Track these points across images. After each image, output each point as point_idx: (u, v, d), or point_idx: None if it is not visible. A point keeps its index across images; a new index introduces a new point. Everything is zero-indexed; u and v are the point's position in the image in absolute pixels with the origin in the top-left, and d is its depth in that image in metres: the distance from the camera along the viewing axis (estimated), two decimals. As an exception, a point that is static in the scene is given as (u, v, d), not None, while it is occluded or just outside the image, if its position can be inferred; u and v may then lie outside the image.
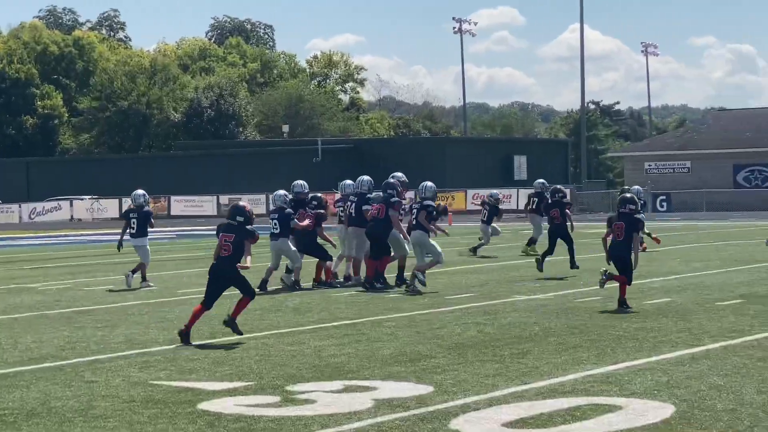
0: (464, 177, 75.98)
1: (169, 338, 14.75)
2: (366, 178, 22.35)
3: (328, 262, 21.69)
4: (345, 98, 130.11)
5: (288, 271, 21.63)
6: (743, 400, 9.96)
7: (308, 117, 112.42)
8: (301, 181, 22.56)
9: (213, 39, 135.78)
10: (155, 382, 11.48)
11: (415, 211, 20.88)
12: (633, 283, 17.42)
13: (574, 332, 14.59)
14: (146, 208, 22.97)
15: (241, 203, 15.47)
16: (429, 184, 21.39)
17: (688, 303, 17.59)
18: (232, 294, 15.01)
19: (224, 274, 14.73)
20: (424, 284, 20.18)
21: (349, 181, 23.27)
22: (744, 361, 12.02)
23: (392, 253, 21.34)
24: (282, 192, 21.56)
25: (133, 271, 22.41)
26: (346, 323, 16.01)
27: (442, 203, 32.04)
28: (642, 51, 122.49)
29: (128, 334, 15.36)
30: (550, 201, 24.79)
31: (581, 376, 11.32)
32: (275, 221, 21.07)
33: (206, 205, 76.19)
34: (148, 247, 22.76)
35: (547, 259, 23.47)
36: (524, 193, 71.06)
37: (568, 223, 23.80)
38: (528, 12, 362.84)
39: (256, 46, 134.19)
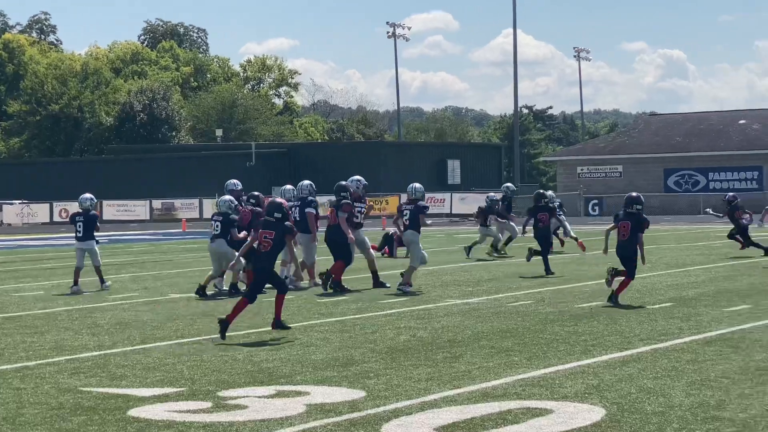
0: (398, 181, 75.92)
1: (99, 344, 14.62)
2: (306, 182, 22.54)
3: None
4: (279, 102, 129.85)
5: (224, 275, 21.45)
6: (672, 402, 10.03)
7: (242, 121, 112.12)
8: (234, 180, 22.63)
9: (146, 43, 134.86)
10: (85, 389, 11.37)
11: (407, 212, 21.40)
12: (564, 287, 17.53)
13: (507, 336, 14.64)
14: (92, 212, 22.96)
15: (278, 199, 16.06)
16: (417, 185, 22.07)
17: (619, 306, 17.70)
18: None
19: (264, 268, 15.37)
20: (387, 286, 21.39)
21: (289, 186, 23.36)
22: (673, 363, 12.12)
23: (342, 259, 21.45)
24: (228, 198, 21.37)
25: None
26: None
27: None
28: (574, 56, 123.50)
29: (58, 340, 15.20)
30: (536, 206, 25.44)
31: (513, 380, 11.35)
32: (218, 223, 20.91)
33: (138, 209, 75.73)
34: (96, 248, 22.73)
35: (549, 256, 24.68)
36: (458, 197, 71.44)
37: (560, 228, 25.18)
38: (462, 17, 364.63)
39: (189, 50, 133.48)
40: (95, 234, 22.90)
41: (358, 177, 22.47)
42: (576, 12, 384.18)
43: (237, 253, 17.80)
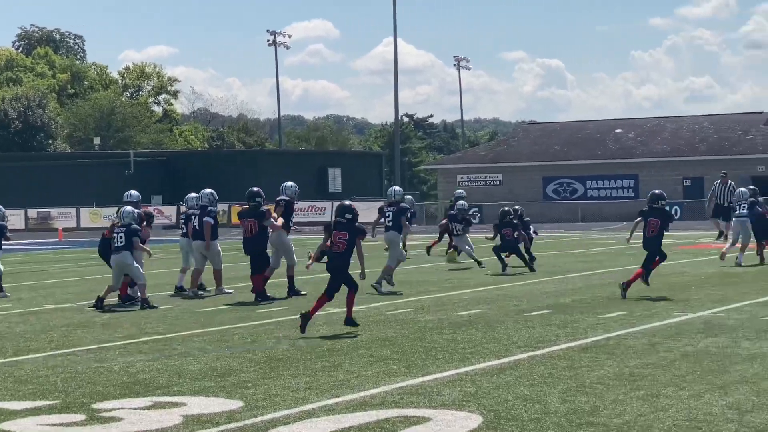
0: (279, 190, 75.90)
1: (-29, 356, 14.31)
2: (208, 190, 22.88)
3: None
4: (158, 110, 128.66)
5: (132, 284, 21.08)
6: (548, 409, 10.12)
7: (120, 129, 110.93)
8: (133, 191, 22.59)
9: (20, 49, 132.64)
10: (-45, 403, 11.11)
11: (389, 213, 22.99)
12: (443, 294, 17.62)
13: (385, 344, 14.66)
14: (1, 223, 23.07)
15: (347, 202, 17.09)
16: (397, 188, 24.05)
17: (497, 314, 17.85)
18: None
19: (338, 268, 16.24)
20: (392, 284, 22.34)
21: (193, 194, 23.35)
22: (550, 370, 12.24)
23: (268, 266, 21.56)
24: (130, 209, 21.04)
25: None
26: (156, 338, 15.79)
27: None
28: (455, 65, 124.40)
29: (-72, 352, 14.85)
30: (501, 222, 26.97)
31: (391, 389, 11.36)
32: (121, 235, 20.59)
33: (13, 218, 74.24)
34: None
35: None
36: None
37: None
38: (342, 25, 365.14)
39: (65, 57, 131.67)
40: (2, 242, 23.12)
41: (291, 183, 22.60)
42: (456, 21, 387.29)
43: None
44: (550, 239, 45.06)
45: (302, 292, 21.47)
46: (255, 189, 21.51)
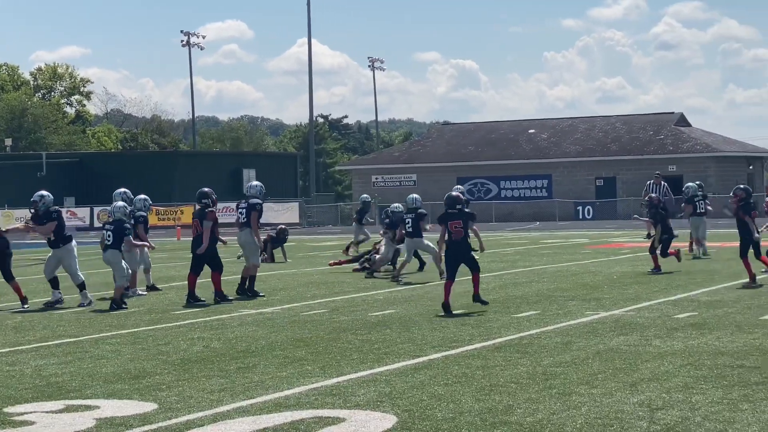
0: (193, 191, 75.26)
1: None
2: (142, 196, 23.07)
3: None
4: (71, 111, 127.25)
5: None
6: (462, 408, 10.18)
7: (32, 130, 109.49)
8: (123, 189, 22.82)
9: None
10: None
11: (409, 220, 24.56)
12: (357, 295, 17.63)
13: (301, 345, 14.65)
14: None
15: (454, 193, 19.15)
16: (416, 195, 25.29)
17: (412, 314, 17.91)
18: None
19: (462, 253, 18.08)
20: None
21: (142, 196, 23.40)
22: (464, 370, 12.31)
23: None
24: (121, 204, 21.25)
25: None
26: (69, 341, 15.64)
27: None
28: (369, 66, 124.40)
29: None
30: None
31: (306, 389, 11.36)
32: (109, 233, 20.57)
33: (-77, 221, 73.18)
34: None
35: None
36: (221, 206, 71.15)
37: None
38: (256, 26, 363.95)
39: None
40: None
41: (256, 182, 22.78)
42: (370, 22, 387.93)
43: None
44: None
45: (261, 294, 21.36)
46: (206, 190, 21.36)
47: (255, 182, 22.91)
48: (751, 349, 13.34)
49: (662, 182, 39.47)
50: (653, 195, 26.23)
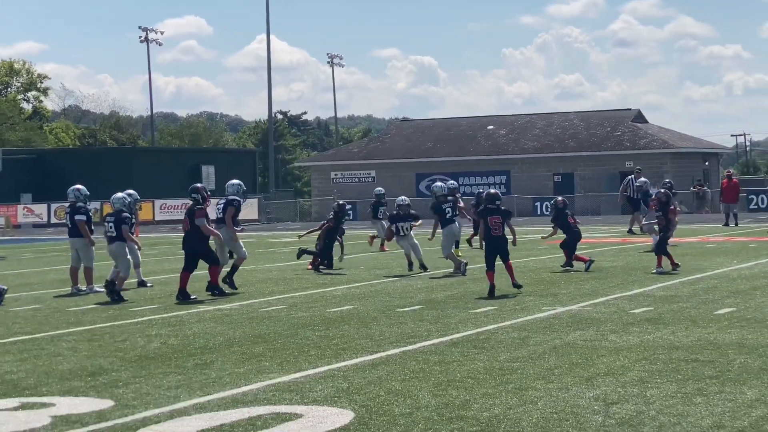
0: (152, 187, 75.15)
1: None
2: (78, 186, 22.75)
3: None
4: (28, 107, 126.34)
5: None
6: (419, 403, 10.22)
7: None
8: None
9: None
10: None
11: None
12: (316, 291, 17.62)
13: (259, 341, 14.65)
14: None
15: (492, 190, 20.42)
16: (440, 184, 26.08)
17: (369, 310, 17.93)
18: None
19: (499, 248, 19.71)
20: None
21: (119, 194, 23.33)
22: (421, 365, 12.35)
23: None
24: (121, 195, 21.63)
25: None
26: (25, 338, 15.57)
27: None
28: (328, 62, 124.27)
29: None
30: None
31: (264, 386, 11.37)
32: (110, 224, 20.80)
33: None
34: None
35: None
36: (212, 203, 71.00)
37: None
38: (215, 22, 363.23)
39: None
40: None
41: (237, 180, 22.77)
42: (329, 19, 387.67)
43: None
44: (424, 235, 45.29)
45: (226, 291, 21.28)
46: (198, 185, 21.30)
47: (234, 180, 22.87)
48: (705, 343, 13.45)
49: (642, 178, 39.73)
50: (661, 191, 26.21)
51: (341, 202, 27.17)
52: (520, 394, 10.52)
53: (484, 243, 20.31)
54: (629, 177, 39.81)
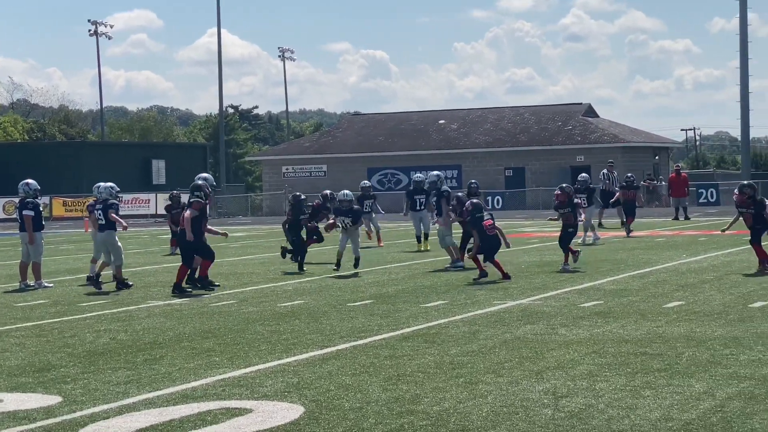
0: (102, 181, 74.59)
1: None
2: (28, 181, 22.55)
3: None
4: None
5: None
6: (369, 398, 10.21)
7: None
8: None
9: None
10: None
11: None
12: (266, 286, 17.56)
13: (209, 336, 14.59)
14: None
15: (475, 200, 22.15)
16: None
17: (320, 305, 17.91)
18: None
19: (496, 247, 21.47)
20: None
21: (101, 184, 23.22)
22: (372, 360, 12.34)
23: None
24: (109, 183, 21.89)
25: None
26: (-28, 334, 15.42)
27: None
28: (279, 56, 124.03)
29: None
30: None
31: (213, 381, 11.32)
32: (100, 212, 21.18)
33: None
34: None
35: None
36: (163, 198, 70.66)
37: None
38: (165, 15, 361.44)
39: None
40: None
41: (205, 174, 22.41)
42: (280, 12, 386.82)
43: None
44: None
45: (216, 284, 21.27)
46: (199, 183, 21.03)
47: (203, 174, 22.75)
48: (654, 336, 13.53)
49: (614, 171, 39.90)
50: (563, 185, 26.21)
51: (297, 193, 26.99)
52: (471, 388, 10.53)
53: (476, 247, 21.39)
54: (603, 171, 39.96)
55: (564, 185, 24.57)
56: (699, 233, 35.24)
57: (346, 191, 24.62)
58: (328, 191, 27.15)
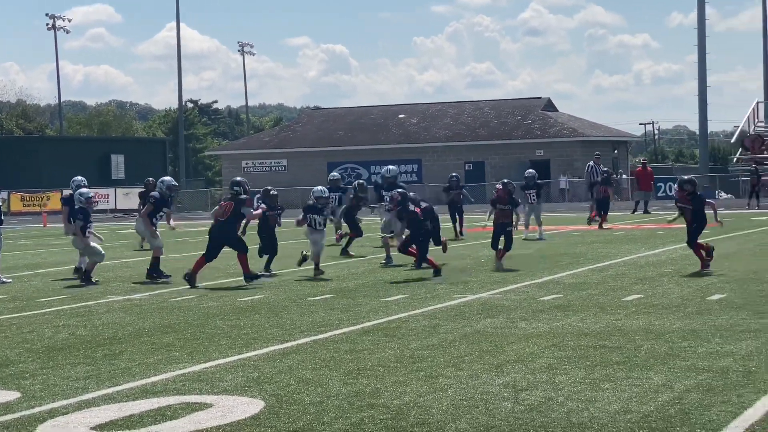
0: (60, 176, 74.17)
1: None
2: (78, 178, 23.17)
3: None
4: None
5: None
6: (330, 392, 10.21)
7: None
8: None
9: None
10: None
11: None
12: (227, 281, 17.53)
13: (168, 331, 14.55)
14: None
15: (506, 181, 22.48)
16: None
17: (280, 299, 17.90)
18: None
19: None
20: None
21: (79, 178, 23.16)
22: (332, 354, 12.34)
23: None
24: (80, 178, 22.63)
25: None
26: (-70, 330, 15.31)
27: None
28: (239, 50, 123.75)
29: None
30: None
31: (173, 376, 11.29)
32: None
33: None
34: None
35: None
36: (122, 193, 70.41)
37: None
38: (124, 10, 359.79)
39: None
40: None
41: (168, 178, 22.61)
42: (240, 7, 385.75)
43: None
44: (328, 226, 45.26)
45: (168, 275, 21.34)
46: (239, 179, 21.18)
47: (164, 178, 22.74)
48: (613, 329, 13.60)
49: (601, 164, 39.81)
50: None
51: (268, 188, 26.34)
52: (431, 382, 10.56)
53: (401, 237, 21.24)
54: (590, 163, 39.97)
55: (506, 180, 23.67)
56: (658, 227, 35.43)
57: (322, 187, 23.38)
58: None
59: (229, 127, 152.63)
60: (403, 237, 22.22)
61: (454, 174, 28.01)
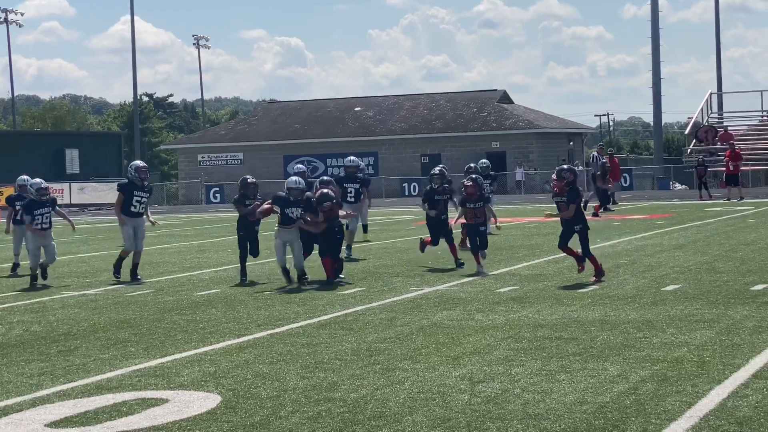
0: (14, 172, 73.51)
1: None
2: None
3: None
4: None
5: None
6: (287, 386, 10.19)
7: None
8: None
9: None
10: None
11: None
12: (183, 275, 17.45)
13: (124, 326, 14.47)
14: None
15: (474, 176, 20.61)
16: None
17: (237, 293, 17.85)
18: None
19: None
20: None
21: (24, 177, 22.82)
22: (289, 348, 12.32)
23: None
24: (30, 178, 21.59)
25: None
26: None
27: None
28: (194, 43, 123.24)
29: None
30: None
31: (129, 371, 11.23)
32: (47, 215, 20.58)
33: None
34: None
35: None
36: (77, 187, 70.00)
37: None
38: (77, 2, 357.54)
39: None
40: None
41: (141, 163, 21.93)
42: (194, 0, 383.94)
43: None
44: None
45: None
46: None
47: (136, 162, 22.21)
48: (569, 321, 13.65)
49: (603, 156, 40.01)
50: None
51: (247, 177, 24.58)
52: (388, 375, 10.55)
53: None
54: (593, 154, 40.06)
55: (474, 176, 21.03)
56: (612, 218, 35.59)
57: (297, 178, 21.38)
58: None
59: (185, 121, 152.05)
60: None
61: (471, 164, 26.92)
